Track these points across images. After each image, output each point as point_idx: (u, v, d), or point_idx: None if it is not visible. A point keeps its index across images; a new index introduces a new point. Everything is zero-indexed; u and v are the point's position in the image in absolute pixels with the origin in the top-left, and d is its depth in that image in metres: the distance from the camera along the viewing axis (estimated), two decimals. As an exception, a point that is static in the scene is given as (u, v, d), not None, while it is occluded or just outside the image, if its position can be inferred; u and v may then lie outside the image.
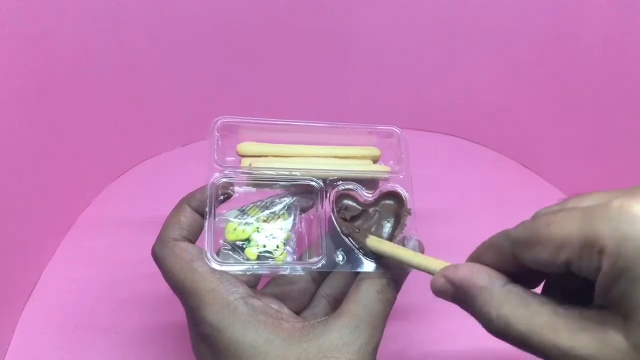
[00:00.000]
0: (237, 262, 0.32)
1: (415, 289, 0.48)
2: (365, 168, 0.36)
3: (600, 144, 0.51)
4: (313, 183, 0.34)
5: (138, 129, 0.57)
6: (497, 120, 0.60)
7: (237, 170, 0.34)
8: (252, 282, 0.33)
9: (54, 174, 0.49)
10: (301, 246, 0.35)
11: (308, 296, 0.35)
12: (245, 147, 0.35)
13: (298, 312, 0.34)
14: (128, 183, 0.58)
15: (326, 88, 0.60)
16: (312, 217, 0.35)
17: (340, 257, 0.33)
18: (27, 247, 0.46)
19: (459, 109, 0.61)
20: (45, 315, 0.46)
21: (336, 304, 0.33)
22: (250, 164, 0.34)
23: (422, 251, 0.34)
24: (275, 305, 0.32)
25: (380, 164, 0.37)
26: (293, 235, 0.34)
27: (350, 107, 0.62)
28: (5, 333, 0.44)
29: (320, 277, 0.36)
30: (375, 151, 0.36)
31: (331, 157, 0.36)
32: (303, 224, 0.35)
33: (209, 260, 0.31)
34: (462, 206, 0.55)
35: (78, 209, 0.54)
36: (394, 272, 0.32)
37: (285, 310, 0.32)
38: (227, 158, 0.35)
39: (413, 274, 0.34)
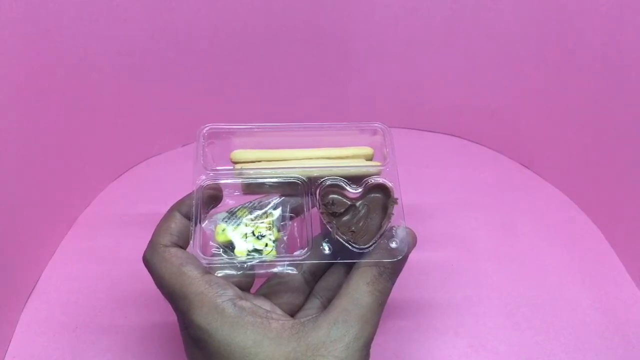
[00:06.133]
0: (224, 260, 0.32)
1: (413, 285, 0.48)
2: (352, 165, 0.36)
3: (600, 144, 0.51)
4: (298, 181, 0.34)
5: (138, 129, 0.57)
6: (497, 120, 0.60)
7: (223, 173, 0.34)
8: (245, 285, 0.33)
9: (54, 174, 0.49)
10: (294, 249, 0.35)
11: (302, 297, 0.35)
12: (239, 154, 0.35)
13: (292, 314, 0.34)
14: (128, 183, 0.58)
15: (325, 89, 0.60)
16: (303, 219, 0.35)
17: (326, 249, 0.33)
18: (27, 247, 0.46)
19: (459, 109, 0.61)
20: (45, 315, 0.46)
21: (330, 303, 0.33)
22: (241, 168, 0.34)
23: (414, 239, 0.33)
24: (267, 306, 0.32)
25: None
26: (283, 235, 0.34)
27: (349, 107, 0.62)
28: (5, 333, 0.44)
29: (313, 278, 0.36)
30: (367, 150, 0.36)
31: (324, 158, 0.36)
32: (295, 226, 0.35)
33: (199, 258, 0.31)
34: (462, 206, 0.55)
35: (78, 208, 0.54)
36: (387, 261, 0.32)
37: (278, 311, 0.32)
38: (219, 167, 0.35)
39: (411, 269, 0.34)
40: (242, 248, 0.33)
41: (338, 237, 0.32)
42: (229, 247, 0.33)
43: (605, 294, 0.48)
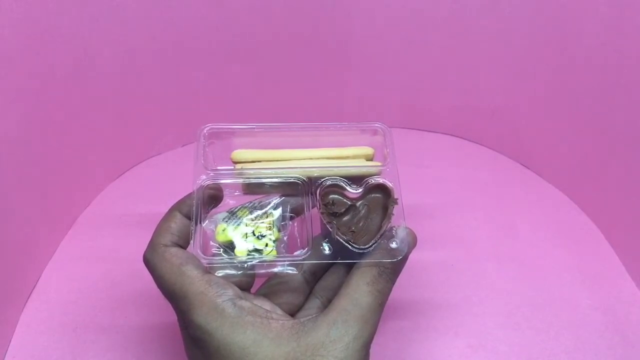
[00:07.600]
0: (225, 260, 0.32)
1: (413, 285, 0.48)
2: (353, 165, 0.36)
3: (600, 144, 0.51)
4: (298, 181, 0.34)
5: (138, 129, 0.57)
6: (497, 120, 0.60)
7: (224, 173, 0.34)
8: (246, 285, 0.33)
9: (54, 174, 0.49)
10: (294, 249, 0.35)
11: (302, 297, 0.35)
12: (239, 154, 0.35)
13: (292, 314, 0.34)
14: (128, 183, 0.58)
15: (325, 88, 0.60)
16: (303, 219, 0.35)
17: (326, 249, 0.33)
18: (27, 247, 0.46)
19: (459, 109, 0.61)
20: (45, 315, 0.46)
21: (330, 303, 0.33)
22: (241, 167, 0.34)
23: (414, 240, 0.33)
24: (267, 306, 0.32)
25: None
26: (284, 235, 0.34)
27: (349, 108, 0.62)
28: (5, 333, 0.44)
29: (313, 278, 0.36)
30: (368, 150, 0.36)
31: (324, 158, 0.36)
32: (295, 226, 0.35)
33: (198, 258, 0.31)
34: (462, 206, 0.55)
35: (78, 208, 0.54)
36: (387, 261, 0.32)
37: (278, 311, 0.32)
38: (219, 167, 0.35)
39: (411, 269, 0.34)
40: (242, 248, 0.33)
41: (338, 237, 0.32)
42: (229, 247, 0.33)
43: (605, 294, 0.48)
